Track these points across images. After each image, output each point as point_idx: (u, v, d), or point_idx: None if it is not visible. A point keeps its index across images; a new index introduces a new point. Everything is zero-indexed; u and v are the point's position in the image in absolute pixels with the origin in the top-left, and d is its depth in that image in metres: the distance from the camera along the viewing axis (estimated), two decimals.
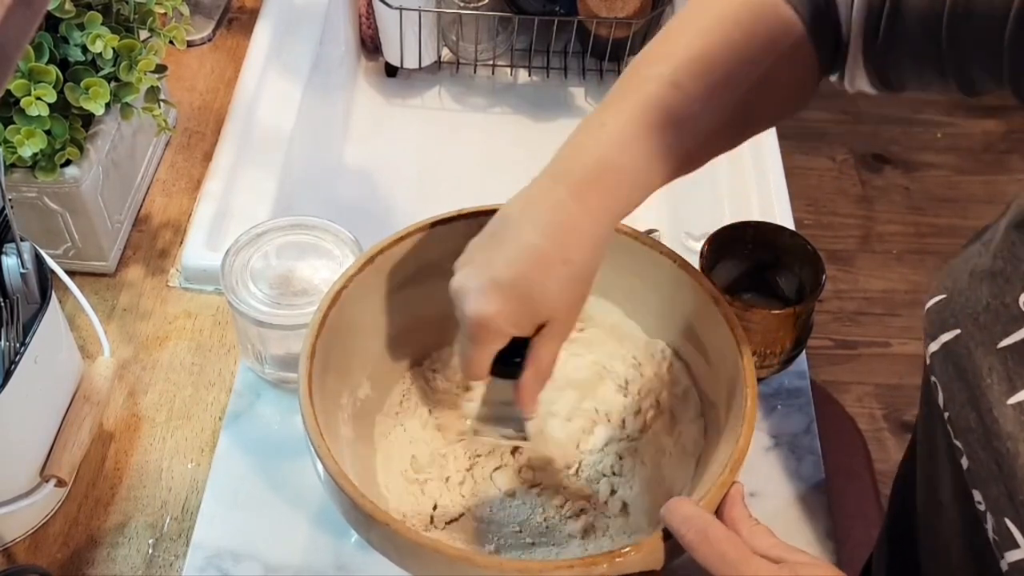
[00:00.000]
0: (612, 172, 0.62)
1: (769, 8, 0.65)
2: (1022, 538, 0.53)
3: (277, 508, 0.80)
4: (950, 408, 0.59)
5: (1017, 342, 0.55)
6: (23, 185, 0.88)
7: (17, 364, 0.72)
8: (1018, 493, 0.53)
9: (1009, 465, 0.54)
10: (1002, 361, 0.56)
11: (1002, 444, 0.55)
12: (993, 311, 0.57)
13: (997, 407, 0.55)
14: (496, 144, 1.29)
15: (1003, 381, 0.55)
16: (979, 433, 0.56)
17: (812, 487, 0.83)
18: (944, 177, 2.25)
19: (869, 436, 1.21)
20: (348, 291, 0.72)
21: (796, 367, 0.88)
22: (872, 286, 2.09)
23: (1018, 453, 0.54)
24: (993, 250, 0.59)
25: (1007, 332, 0.56)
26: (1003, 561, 0.55)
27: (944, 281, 0.62)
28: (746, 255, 0.84)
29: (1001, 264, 0.58)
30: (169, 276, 0.98)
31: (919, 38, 0.62)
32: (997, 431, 0.55)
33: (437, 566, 0.60)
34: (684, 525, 0.59)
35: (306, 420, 0.65)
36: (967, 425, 0.57)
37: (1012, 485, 0.54)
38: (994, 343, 0.56)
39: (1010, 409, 0.55)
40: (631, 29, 1.24)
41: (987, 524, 0.56)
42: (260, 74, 1.12)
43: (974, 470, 0.57)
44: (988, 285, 0.58)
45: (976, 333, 0.58)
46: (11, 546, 0.80)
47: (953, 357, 0.59)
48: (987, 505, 0.56)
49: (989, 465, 0.55)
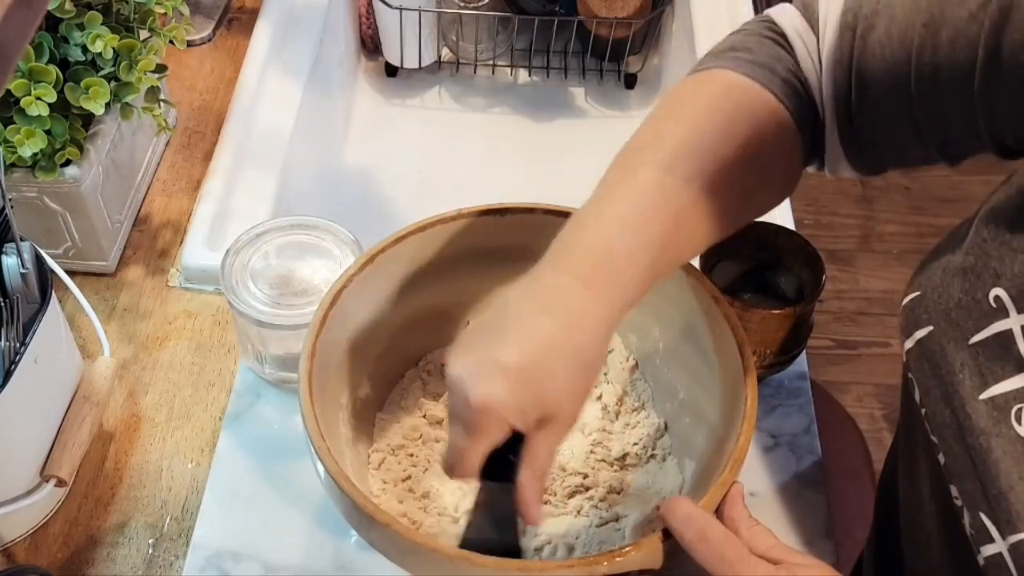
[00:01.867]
0: (616, 260, 0.59)
1: (747, 93, 0.65)
2: (997, 532, 0.54)
3: (277, 508, 0.80)
4: (926, 404, 0.60)
5: (988, 337, 0.56)
6: (23, 185, 0.88)
7: (17, 364, 0.72)
8: (991, 488, 0.54)
9: (982, 460, 0.55)
10: (973, 357, 0.56)
11: (975, 440, 0.55)
12: (964, 307, 0.57)
13: (970, 403, 0.56)
14: (496, 144, 1.29)
15: (975, 376, 0.56)
16: (953, 429, 0.57)
17: (812, 487, 0.83)
18: (944, 177, 2.25)
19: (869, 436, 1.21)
20: (348, 290, 0.72)
21: (796, 367, 0.88)
22: (872, 286, 2.09)
23: (991, 448, 0.54)
24: (965, 247, 0.59)
25: (978, 328, 0.56)
26: (979, 555, 0.55)
27: (919, 278, 0.63)
28: (746, 255, 0.84)
29: (972, 260, 0.58)
30: (169, 276, 0.98)
31: (890, 109, 0.62)
32: (970, 427, 0.56)
33: (437, 565, 0.60)
34: (683, 525, 0.59)
35: (306, 420, 0.65)
36: (942, 421, 0.58)
37: (986, 480, 0.54)
38: (966, 339, 0.57)
39: (982, 404, 0.55)
40: (631, 29, 1.24)
41: (964, 519, 0.57)
42: (260, 74, 1.12)
43: (950, 465, 0.57)
44: (960, 281, 0.58)
45: (948, 329, 0.58)
46: (11, 546, 0.80)
47: (927, 353, 0.59)
48: (963, 500, 0.56)
49: (964, 460, 0.56)
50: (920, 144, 0.63)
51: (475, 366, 0.57)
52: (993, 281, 0.56)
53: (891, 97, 0.62)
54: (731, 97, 0.65)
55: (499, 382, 0.56)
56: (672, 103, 0.66)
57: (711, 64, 0.67)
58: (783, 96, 0.65)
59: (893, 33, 0.60)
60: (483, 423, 0.56)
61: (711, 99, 0.65)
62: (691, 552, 0.58)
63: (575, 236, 0.61)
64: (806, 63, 0.66)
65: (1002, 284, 0.56)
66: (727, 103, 0.64)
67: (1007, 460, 0.53)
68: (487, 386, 0.56)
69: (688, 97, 0.66)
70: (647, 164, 0.62)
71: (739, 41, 0.68)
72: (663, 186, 0.61)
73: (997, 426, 0.54)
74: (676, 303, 0.75)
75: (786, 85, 0.65)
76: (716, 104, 0.65)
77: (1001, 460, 0.54)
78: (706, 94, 0.66)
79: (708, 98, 0.65)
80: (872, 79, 0.62)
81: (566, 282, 0.59)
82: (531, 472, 0.59)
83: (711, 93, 0.65)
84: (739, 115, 0.64)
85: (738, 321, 0.70)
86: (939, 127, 0.61)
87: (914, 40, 0.59)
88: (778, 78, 0.65)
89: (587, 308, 0.58)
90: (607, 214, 0.61)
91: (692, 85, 0.67)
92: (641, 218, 0.60)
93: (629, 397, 0.80)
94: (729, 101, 0.65)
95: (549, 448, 0.59)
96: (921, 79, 0.59)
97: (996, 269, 0.56)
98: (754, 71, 0.65)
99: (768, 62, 0.66)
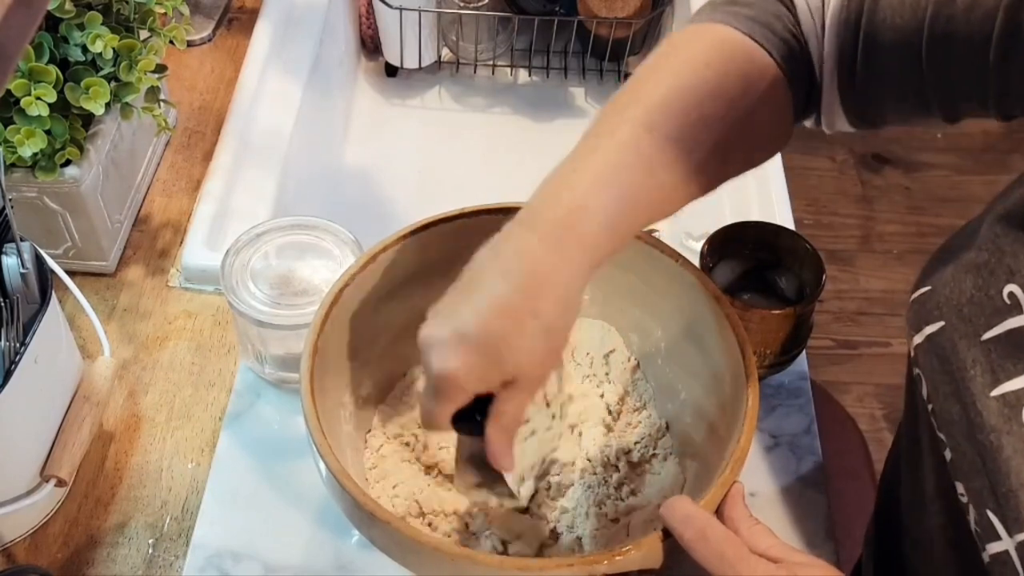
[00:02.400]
0: (586, 218, 0.59)
1: (741, 49, 0.64)
2: (1004, 530, 0.53)
3: (277, 508, 0.80)
4: (934, 400, 0.59)
5: (1000, 334, 0.56)
6: (23, 185, 0.88)
7: (17, 364, 0.72)
8: (1000, 485, 0.54)
9: (992, 458, 0.54)
10: (985, 353, 0.56)
11: (985, 437, 0.55)
12: (977, 303, 0.57)
13: (980, 399, 0.56)
14: (496, 144, 1.29)
15: (986, 373, 0.56)
16: (962, 425, 0.57)
17: (812, 487, 0.83)
18: (944, 177, 2.25)
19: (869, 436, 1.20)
20: (350, 289, 0.72)
21: (796, 367, 0.88)
22: (872, 286, 2.09)
23: (1001, 446, 0.54)
24: (977, 243, 0.59)
25: (991, 324, 0.56)
26: (985, 553, 0.55)
27: (929, 274, 0.62)
28: (746, 255, 0.84)
29: (985, 256, 0.58)
30: (169, 276, 0.98)
31: (898, 68, 0.62)
32: (980, 424, 0.55)
33: (438, 564, 0.61)
34: (683, 524, 0.59)
35: (308, 418, 0.65)
36: (950, 417, 0.58)
37: (995, 478, 0.54)
38: (978, 335, 0.57)
39: (993, 401, 0.55)
40: (631, 29, 1.24)
41: (969, 516, 0.56)
42: (260, 74, 1.12)
43: (957, 462, 0.57)
44: (972, 277, 0.58)
45: (960, 325, 0.58)
46: (11, 546, 0.80)
47: (937, 349, 0.59)
48: (969, 497, 0.56)
49: (972, 457, 0.56)
50: (923, 105, 0.63)
51: (437, 335, 0.58)
52: (1007, 277, 0.56)
53: (899, 61, 0.61)
54: (723, 53, 0.64)
55: (456, 353, 0.57)
56: (663, 55, 0.65)
57: (709, 17, 0.66)
58: (778, 55, 0.64)
59: None
60: (445, 389, 0.59)
61: (702, 53, 0.64)
62: (691, 551, 0.58)
63: (546, 195, 0.61)
64: (807, 23, 0.65)
65: (1016, 280, 0.56)
66: (718, 59, 0.64)
67: (1017, 458, 0.53)
68: (445, 358, 0.58)
69: (679, 50, 0.65)
70: (627, 121, 0.61)
71: None
72: (640, 145, 0.61)
73: (1008, 423, 0.54)
74: (678, 303, 0.75)
75: (783, 44, 0.64)
76: (706, 59, 0.64)
77: (1012, 458, 0.53)
78: (698, 48, 0.65)
79: (699, 52, 0.64)
80: (881, 42, 0.61)
81: (530, 244, 0.59)
82: (497, 427, 0.61)
83: (703, 47, 0.64)
84: (729, 72, 0.63)
85: (739, 321, 0.70)
86: (945, 91, 0.61)
87: (928, 6, 0.58)
88: (775, 36, 0.64)
89: (549, 270, 0.58)
90: (581, 171, 0.60)
91: (685, 37, 0.66)
92: (615, 178, 0.60)
93: (631, 397, 0.80)
94: (721, 57, 0.64)
95: (515, 406, 0.61)
96: (933, 45, 0.59)
97: (1010, 266, 0.56)
98: (751, 27, 0.64)
99: (766, 19, 0.65)
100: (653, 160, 0.61)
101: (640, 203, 0.61)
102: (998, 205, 0.59)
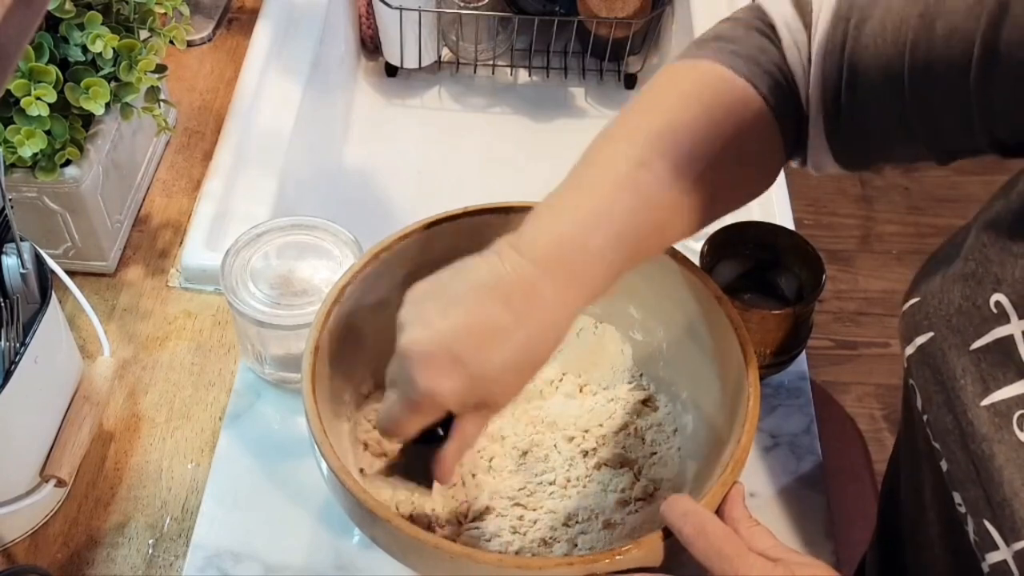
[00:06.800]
0: (585, 256, 0.60)
1: (727, 84, 0.64)
2: (1001, 540, 0.53)
3: (277, 508, 0.80)
4: (928, 411, 0.59)
5: (989, 343, 0.55)
6: (23, 185, 0.88)
7: (17, 364, 0.72)
8: (995, 495, 0.53)
9: (986, 467, 0.54)
10: (975, 363, 0.56)
11: (978, 446, 0.55)
12: (965, 313, 0.57)
13: (972, 409, 0.55)
14: (496, 144, 1.29)
15: (977, 383, 0.56)
16: (956, 435, 0.56)
17: (812, 487, 0.83)
18: (944, 177, 2.25)
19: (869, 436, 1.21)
20: (352, 288, 0.72)
21: (796, 367, 0.88)
22: (872, 286, 2.09)
23: (993, 455, 0.54)
24: (964, 252, 0.59)
25: (979, 333, 0.56)
26: (984, 563, 0.55)
27: (918, 284, 0.62)
28: (746, 255, 0.84)
29: (973, 266, 0.58)
30: (169, 276, 0.98)
31: (881, 102, 0.62)
32: (973, 433, 0.55)
33: (439, 563, 0.61)
34: (682, 520, 0.59)
35: (310, 417, 0.65)
36: (944, 427, 0.57)
37: (989, 487, 0.54)
38: (967, 345, 0.56)
39: (984, 411, 0.55)
40: (631, 29, 1.24)
41: (967, 526, 0.56)
42: (260, 74, 1.12)
43: (953, 472, 0.57)
44: (960, 287, 0.58)
45: (949, 335, 0.58)
46: (11, 546, 0.80)
47: (928, 360, 0.59)
48: (966, 507, 0.56)
49: (967, 467, 0.56)
50: (909, 140, 0.63)
51: (425, 349, 0.58)
52: (994, 287, 0.56)
53: (883, 89, 0.61)
54: (710, 89, 0.64)
55: (448, 375, 0.58)
56: (652, 92, 0.66)
57: (694, 53, 0.67)
58: (765, 89, 0.64)
59: (888, 24, 0.60)
60: (425, 406, 0.59)
61: (690, 90, 0.64)
62: (689, 547, 0.58)
63: (541, 227, 0.61)
64: (792, 56, 0.65)
65: (1003, 289, 0.55)
66: (706, 94, 0.64)
67: (1010, 467, 0.53)
68: (436, 377, 0.58)
69: (667, 87, 0.66)
70: (622, 158, 0.62)
71: (726, 30, 0.67)
72: (637, 183, 0.61)
73: (999, 432, 0.54)
74: (679, 304, 0.75)
75: (769, 78, 0.64)
76: (695, 95, 0.64)
77: (1004, 467, 0.53)
78: (685, 84, 0.65)
79: (687, 89, 0.65)
80: (864, 70, 0.61)
81: (529, 271, 0.59)
82: (456, 447, 0.62)
83: (691, 84, 0.65)
84: (717, 108, 0.64)
85: (741, 322, 0.70)
86: (930, 122, 0.61)
87: (909, 32, 0.59)
88: (761, 70, 0.64)
89: (545, 301, 0.59)
90: (581, 208, 0.61)
91: (672, 74, 0.66)
92: (615, 216, 0.60)
93: (631, 397, 0.79)
94: (708, 93, 0.64)
95: (478, 428, 0.62)
96: (915, 72, 0.59)
97: (997, 274, 0.56)
98: (736, 63, 0.64)
99: (752, 54, 0.65)
100: (651, 199, 0.61)
101: (639, 241, 0.62)
102: (984, 214, 0.59)
